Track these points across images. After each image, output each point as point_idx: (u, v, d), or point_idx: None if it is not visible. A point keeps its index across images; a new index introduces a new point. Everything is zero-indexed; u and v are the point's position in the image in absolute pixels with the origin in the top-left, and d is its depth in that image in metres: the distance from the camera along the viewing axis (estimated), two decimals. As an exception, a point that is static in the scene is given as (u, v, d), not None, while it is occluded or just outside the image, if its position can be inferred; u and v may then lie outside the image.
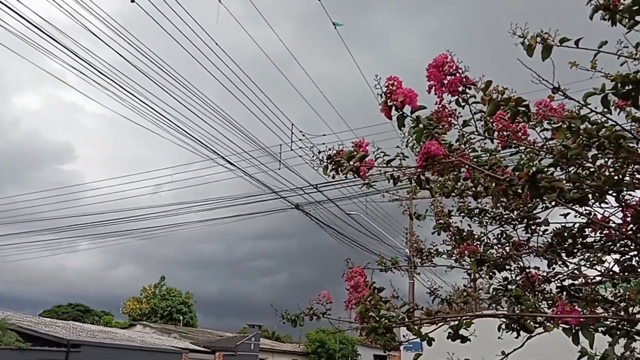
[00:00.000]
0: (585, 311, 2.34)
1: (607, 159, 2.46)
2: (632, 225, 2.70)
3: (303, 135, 17.90)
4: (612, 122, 2.31)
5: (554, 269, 3.14)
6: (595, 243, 3.05)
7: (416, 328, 2.27)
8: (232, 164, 17.13)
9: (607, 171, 2.43)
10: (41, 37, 10.31)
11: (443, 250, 3.51)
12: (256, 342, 37.04)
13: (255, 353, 36.74)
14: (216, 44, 13.15)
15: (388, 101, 2.25)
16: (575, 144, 2.25)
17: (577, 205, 2.59)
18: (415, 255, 3.78)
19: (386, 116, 2.28)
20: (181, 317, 52.91)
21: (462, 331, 2.38)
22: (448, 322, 2.43)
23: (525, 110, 2.32)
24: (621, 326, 2.39)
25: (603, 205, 2.73)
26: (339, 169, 2.31)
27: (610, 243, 3.01)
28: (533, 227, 3.18)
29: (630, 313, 2.53)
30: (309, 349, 49.87)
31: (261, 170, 18.12)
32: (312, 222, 20.00)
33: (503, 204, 3.02)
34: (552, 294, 3.06)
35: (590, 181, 2.37)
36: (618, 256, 3.07)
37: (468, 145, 2.46)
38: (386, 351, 2.69)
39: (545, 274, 3.17)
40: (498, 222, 3.17)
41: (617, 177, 2.38)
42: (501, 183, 2.26)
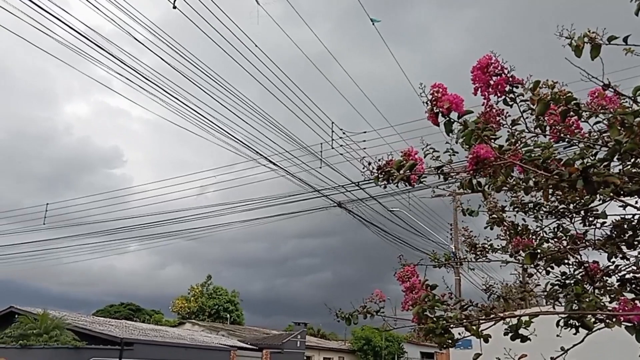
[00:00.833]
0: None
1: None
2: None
3: (343, 133, 17.95)
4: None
5: (614, 262, 3.07)
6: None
7: (474, 328, 2.27)
8: (275, 164, 17.34)
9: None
10: (88, 46, 10.72)
11: (498, 245, 3.48)
12: (302, 340, 37.35)
13: (301, 350, 37.06)
14: (256, 46, 13.35)
15: (434, 108, 2.25)
16: (628, 139, 2.20)
17: (636, 197, 2.54)
18: (469, 250, 3.74)
19: (433, 123, 2.28)
20: (228, 315, 53.85)
21: (522, 330, 2.38)
22: (507, 321, 2.42)
23: (575, 108, 2.29)
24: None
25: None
26: (390, 179, 2.33)
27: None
28: (590, 220, 3.12)
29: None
30: (355, 347, 49.87)
31: (303, 169, 18.28)
32: (355, 220, 20.03)
33: (559, 197, 2.97)
34: (614, 287, 2.99)
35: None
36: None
37: (519, 143, 2.44)
38: (441, 349, 2.70)
39: (604, 268, 3.10)
40: (554, 216, 3.12)
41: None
42: (552, 178, 2.24)
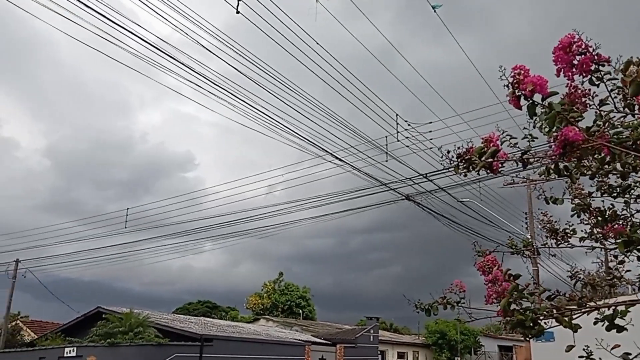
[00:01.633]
0: None
1: None
2: None
3: (408, 124, 17.73)
4: None
5: None
6: None
7: (566, 320, 2.19)
8: (340, 160, 17.41)
9: None
10: (159, 56, 11.19)
11: (582, 230, 3.32)
12: (375, 334, 37.32)
13: (375, 345, 37.04)
14: (317, 43, 13.44)
15: (516, 91, 2.19)
16: None
17: None
18: (549, 236, 3.59)
19: (515, 106, 2.22)
20: (300, 311, 54.67)
21: (618, 320, 2.27)
22: (601, 311, 2.32)
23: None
24: None
25: None
26: (471, 167, 2.28)
27: None
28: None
29: None
30: (429, 341, 49.27)
31: (369, 163, 18.22)
32: (424, 212, 19.74)
33: None
34: None
35: None
36: None
37: (607, 124, 2.32)
38: (526, 339, 2.63)
39: None
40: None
41: None
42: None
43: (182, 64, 11.59)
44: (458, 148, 2.30)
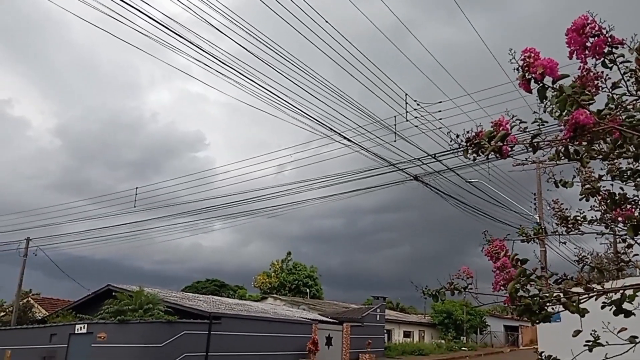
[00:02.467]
0: None
1: None
2: None
3: (418, 104, 17.59)
4: None
5: None
6: None
7: (575, 306, 2.18)
8: (349, 140, 17.36)
9: None
10: (168, 35, 11.14)
11: (592, 216, 3.30)
12: (382, 314, 37.64)
13: (381, 324, 37.39)
14: (326, 22, 13.32)
15: (526, 74, 2.15)
16: None
17: None
18: (559, 224, 3.57)
19: (525, 90, 2.18)
20: (308, 290, 55.16)
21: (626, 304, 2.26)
22: (608, 296, 2.31)
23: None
24: None
25: None
26: (480, 151, 2.25)
27: None
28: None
29: None
30: (436, 321, 49.61)
31: (377, 143, 18.17)
32: (433, 193, 19.71)
33: None
34: None
35: None
36: None
37: (620, 107, 2.28)
38: (533, 324, 2.63)
39: None
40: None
41: None
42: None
43: (191, 43, 11.54)
44: (467, 132, 2.28)
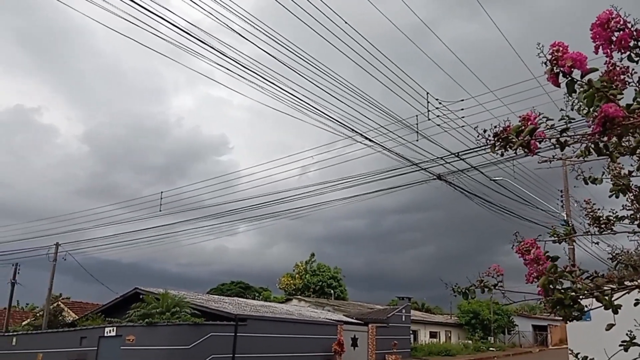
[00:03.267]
0: None
1: None
2: None
3: (440, 103, 17.49)
4: None
5: None
6: None
7: (607, 299, 2.18)
8: (371, 140, 17.34)
9: None
10: (190, 41, 11.29)
11: (626, 214, 3.26)
12: (407, 314, 37.45)
13: (407, 324, 37.20)
14: (345, 22, 13.35)
15: (554, 68, 2.16)
16: None
17: None
18: (591, 224, 3.52)
19: (553, 84, 2.19)
20: (332, 291, 55.16)
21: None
22: (641, 291, 2.30)
23: None
24: None
25: None
26: (508, 146, 2.26)
27: None
28: None
29: None
30: (462, 321, 49.15)
31: (399, 143, 18.10)
32: (456, 192, 19.54)
33: None
34: None
35: None
36: None
37: (648, 101, 2.27)
38: (566, 322, 2.62)
39: None
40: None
41: None
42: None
43: (214, 49, 11.68)
44: (495, 127, 2.29)
